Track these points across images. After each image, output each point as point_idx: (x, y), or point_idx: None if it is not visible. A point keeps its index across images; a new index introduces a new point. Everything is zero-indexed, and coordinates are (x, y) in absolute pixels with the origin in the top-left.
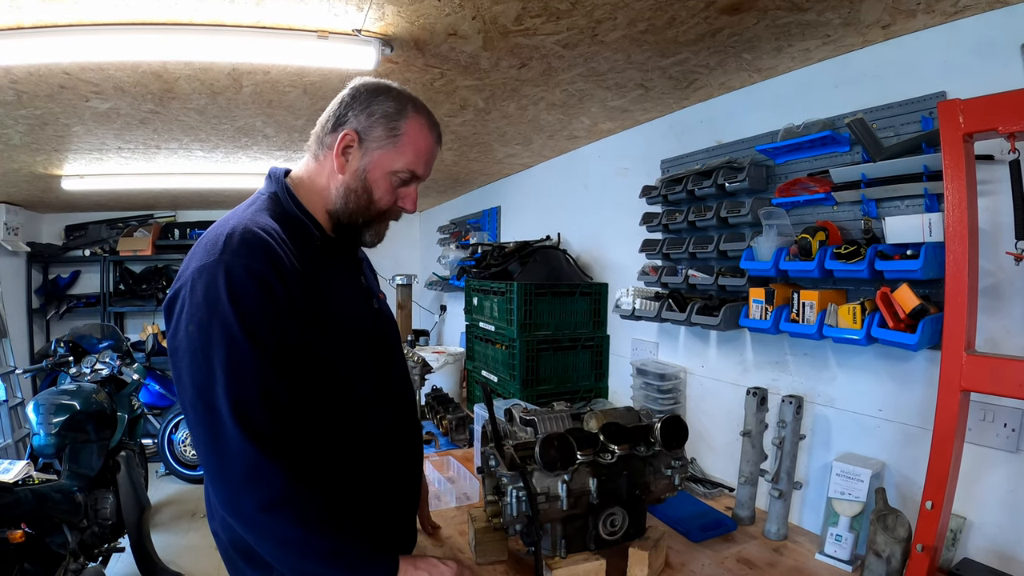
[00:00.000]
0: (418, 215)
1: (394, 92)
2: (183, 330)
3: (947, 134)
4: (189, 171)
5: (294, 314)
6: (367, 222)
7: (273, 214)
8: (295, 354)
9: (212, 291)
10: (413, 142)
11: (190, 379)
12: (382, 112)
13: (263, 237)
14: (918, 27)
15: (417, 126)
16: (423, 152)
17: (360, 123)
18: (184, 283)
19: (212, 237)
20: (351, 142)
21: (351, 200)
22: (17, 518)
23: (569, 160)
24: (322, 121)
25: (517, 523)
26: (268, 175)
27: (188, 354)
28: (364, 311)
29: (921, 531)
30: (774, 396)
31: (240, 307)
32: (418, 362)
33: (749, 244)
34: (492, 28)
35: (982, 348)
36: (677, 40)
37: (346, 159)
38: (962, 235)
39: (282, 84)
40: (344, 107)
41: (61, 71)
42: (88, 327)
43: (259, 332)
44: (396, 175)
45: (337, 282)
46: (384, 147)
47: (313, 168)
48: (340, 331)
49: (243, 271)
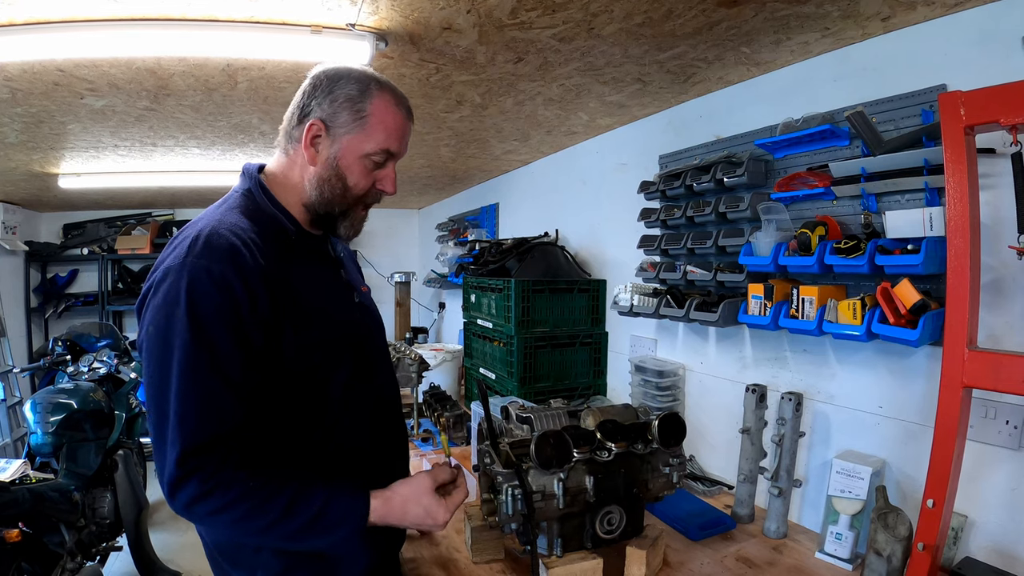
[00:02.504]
0: (416, 212)
1: (355, 74)
2: (144, 330)
3: (948, 127)
4: (186, 169)
5: (257, 317)
6: (343, 211)
7: (245, 211)
8: (260, 357)
9: (172, 294)
10: (381, 121)
11: (147, 379)
12: (345, 96)
13: (228, 239)
14: (918, 19)
15: (383, 104)
16: (393, 130)
17: (324, 111)
18: (152, 284)
19: (181, 239)
20: (318, 132)
21: (325, 190)
22: (14, 517)
23: (567, 156)
24: (288, 115)
25: (513, 522)
26: (242, 172)
27: (147, 355)
28: (343, 305)
29: (922, 530)
30: (773, 393)
31: (197, 312)
32: (416, 359)
33: (748, 239)
34: (487, 22)
35: (984, 344)
36: (675, 33)
37: (316, 149)
38: (963, 229)
39: (277, 80)
40: (307, 97)
41: (55, 68)
42: (86, 326)
43: (214, 337)
44: (369, 158)
45: (314, 277)
46: (352, 131)
47: (284, 163)
48: (315, 328)
49: (204, 274)
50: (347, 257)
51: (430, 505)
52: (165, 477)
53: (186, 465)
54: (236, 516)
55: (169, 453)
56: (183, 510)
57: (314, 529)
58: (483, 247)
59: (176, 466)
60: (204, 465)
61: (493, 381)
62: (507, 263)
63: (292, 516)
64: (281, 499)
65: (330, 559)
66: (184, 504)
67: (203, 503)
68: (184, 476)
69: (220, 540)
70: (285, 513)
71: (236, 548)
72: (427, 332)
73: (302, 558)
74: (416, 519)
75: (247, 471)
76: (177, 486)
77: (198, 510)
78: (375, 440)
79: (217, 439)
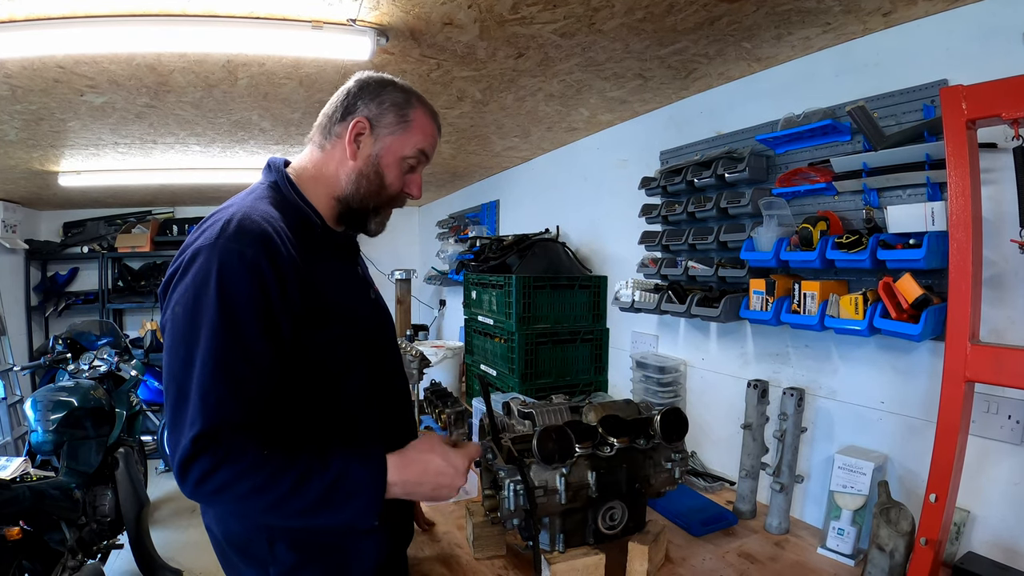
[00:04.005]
0: (417, 210)
1: (399, 85)
2: (171, 309)
3: (950, 121)
4: (186, 166)
5: (286, 305)
6: (376, 208)
7: (274, 202)
8: (284, 345)
9: (202, 275)
10: (421, 128)
11: (169, 359)
12: (392, 101)
13: (261, 225)
14: (919, 14)
15: (423, 114)
16: (430, 138)
17: (371, 111)
18: (180, 263)
19: (212, 222)
20: (363, 129)
21: (363, 185)
22: (15, 515)
23: (568, 152)
24: (328, 111)
25: (515, 517)
26: (267, 165)
27: (171, 334)
28: (362, 301)
29: (925, 525)
30: (775, 388)
31: (227, 293)
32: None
33: (749, 235)
34: (488, 17)
35: (986, 338)
36: (676, 28)
37: (358, 146)
38: (965, 223)
39: (278, 76)
40: (353, 97)
41: (55, 65)
42: (86, 324)
43: (242, 319)
44: (406, 160)
45: (337, 271)
46: (395, 133)
47: (319, 158)
48: (338, 323)
49: (236, 258)
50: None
51: (445, 452)
52: (177, 456)
53: (199, 443)
54: (247, 488)
55: (186, 433)
56: (193, 489)
57: (332, 499)
58: (484, 244)
59: (191, 443)
60: (218, 442)
61: (494, 378)
62: (508, 259)
63: (306, 485)
64: (294, 470)
65: (343, 552)
66: (195, 481)
67: (213, 477)
68: (195, 453)
69: (232, 531)
70: (300, 482)
71: (248, 541)
72: (428, 329)
73: (315, 552)
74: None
75: (259, 445)
76: (188, 463)
77: (208, 486)
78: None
79: (236, 423)
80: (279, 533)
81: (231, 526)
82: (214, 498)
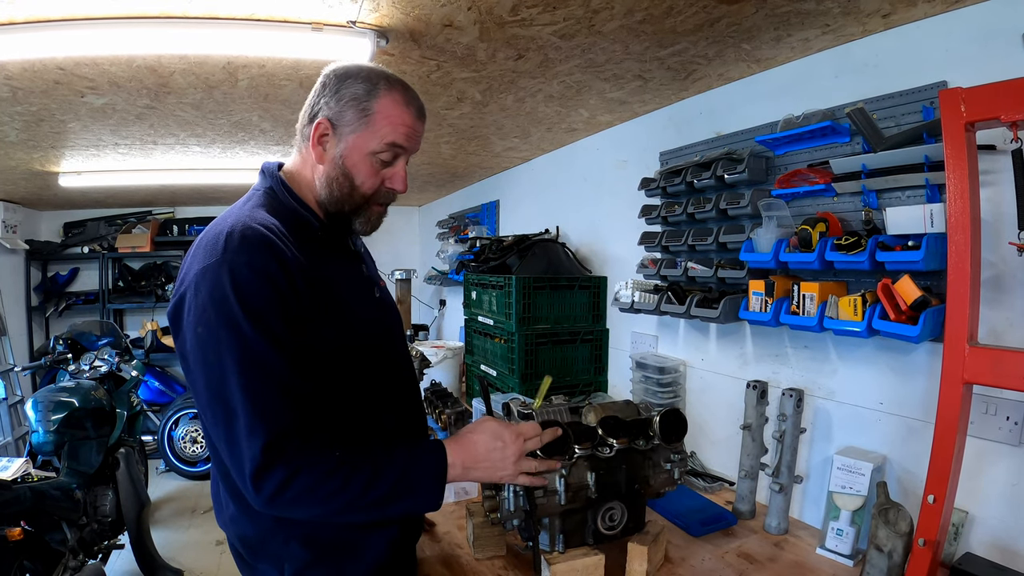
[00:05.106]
0: (417, 210)
1: (364, 72)
2: (192, 333)
3: (948, 123)
4: (186, 167)
5: (300, 307)
6: (353, 209)
7: (270, 209)
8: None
9: (218, 291)
10: (387, 119)
11: (204, 381)
12: (351, 95)
13: (263, 233)
14: (919, 16)
15: (390, 103)
16: (401, 127)
17: (331, 110)
18: (188, 286)
19: (211, 237)
20: (325, 131)
21: (334, 188)
22: (16, 515)
23: (568, 153)
24: (301, 114)
25: (515, 518)
26: (261, 170)
27: (200, 357)
28: (367, 300)
29: (923, 525)
30: (774, 389)
31: (247, 304)
32: (417, 356)
33: (749, 236)
34: (488, 19)
35: (984, 340)
36: (675, 30)
37: (323, 148)
38: (964, 225)
39: (278, 78)
40: (316, 96)
41: (56, 66)
42: (87, 324)
43: (269, 326)
44: (375, 156)
45: (340, 272)
46: (357, 130)
47: (299, 162)
48: (346, 323)
49: (246, 268)
50: (365, 252)
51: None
52: (248, 471)
53: (270, 453)
54: (327, 491)
55: (249, 447)
56: (268, 501)
57: (402, 489)
58: (484, 244)
59: (261, 454)
60: (286, 449)
61: (494, 378)
62: (508, 260)
63: (379, 480)
64: (367, 466)
65: (354, 548)
66: (272, 492)
67: (292, 486)
68: (268, 464)
69: (246, 533)
70: (373, 477)
71: (262, 541)
72: (428, 329)
73: (328, 548)
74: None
75: (329, 447)
76: (261, 475)
77: (287, 495)
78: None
79: (296, 428)
80: (293, 531)
81: (244, 528)
82: (291, 505)
